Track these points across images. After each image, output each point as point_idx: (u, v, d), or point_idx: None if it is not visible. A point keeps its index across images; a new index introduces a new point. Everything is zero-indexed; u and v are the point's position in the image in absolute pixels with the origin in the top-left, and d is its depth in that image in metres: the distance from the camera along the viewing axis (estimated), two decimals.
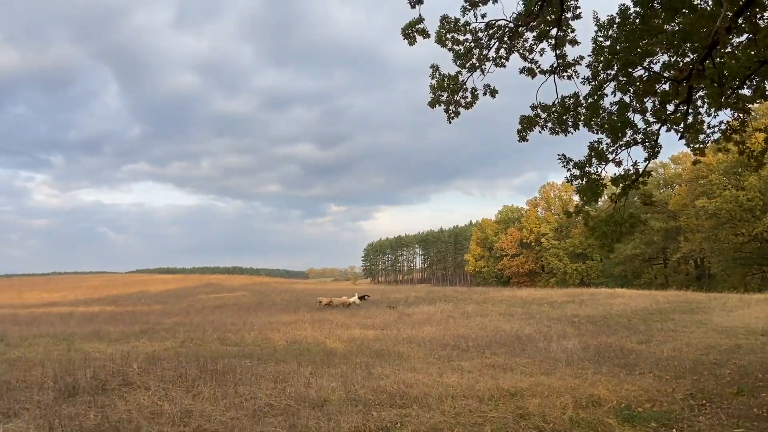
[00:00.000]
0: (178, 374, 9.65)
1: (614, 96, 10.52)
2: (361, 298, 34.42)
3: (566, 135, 11.01)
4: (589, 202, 10.93)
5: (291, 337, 17.26)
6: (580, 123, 10.78)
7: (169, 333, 18.07)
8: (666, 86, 10.50)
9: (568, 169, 11.00)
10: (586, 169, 10.91)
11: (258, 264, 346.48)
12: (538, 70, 12.75)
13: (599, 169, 10.86)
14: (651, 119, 10.67)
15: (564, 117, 10.81)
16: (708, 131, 10.62)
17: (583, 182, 10.88)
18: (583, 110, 10.65)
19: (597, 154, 10.68)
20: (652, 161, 11.44)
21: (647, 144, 10.71)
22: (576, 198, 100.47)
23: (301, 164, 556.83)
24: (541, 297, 34.95)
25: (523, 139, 12.28)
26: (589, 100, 10.55)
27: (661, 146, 10.93)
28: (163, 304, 36.97)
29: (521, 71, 12.90)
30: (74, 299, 46.13)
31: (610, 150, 10.78)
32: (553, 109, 11.00)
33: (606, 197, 16.64)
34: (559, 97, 11.72)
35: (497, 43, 12.78)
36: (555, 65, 12.29)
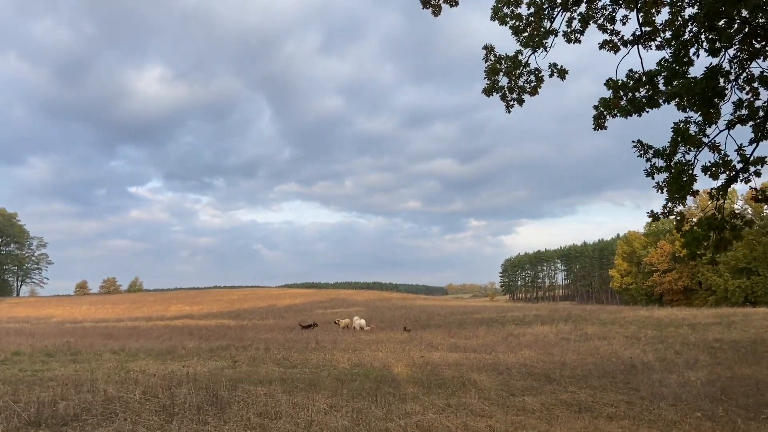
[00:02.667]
0: (173, 404, 8.75)
1: (696, 56, 8.04)
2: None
3: (640, 115, 8.65)
4: (675, 198, 8.48)
5: (360, 358, 15.96)
6: (658, 98, 8.39)
7: (239, 351, 17.63)
8: None
9: (648, 159, 8.63)
10: (673, 157, 8.47)
11: (399, 279, 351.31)
12: (620, 41, 10.50)
13: (688, 157, 8.39)
14: (759, 88, 8.05)
15: (637, 93, 8.48)
16: None
17: (669, 175, 8.46)
18: (662, 80, 8.26)
19: (684, 137, 8.22)
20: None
21: (755, 121, 8.07)
22: (738, 205, 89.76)
23: (440, 180, 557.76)
24: (682, 318, 30.51)
25: (600, 126, 10.04)
26: (667, 66, 8.15)
27: None
28: (277, 319, 37.61)
29: (601, 46, 10.73)
30: (207, 312, 48.78)
31: (703, 132, 8.28)
32: (625, 82, 8.71)
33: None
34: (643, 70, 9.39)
35: (565, 13, 10.75)
36: (639, 33, 9.99)
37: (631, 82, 8.55)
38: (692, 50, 8.07)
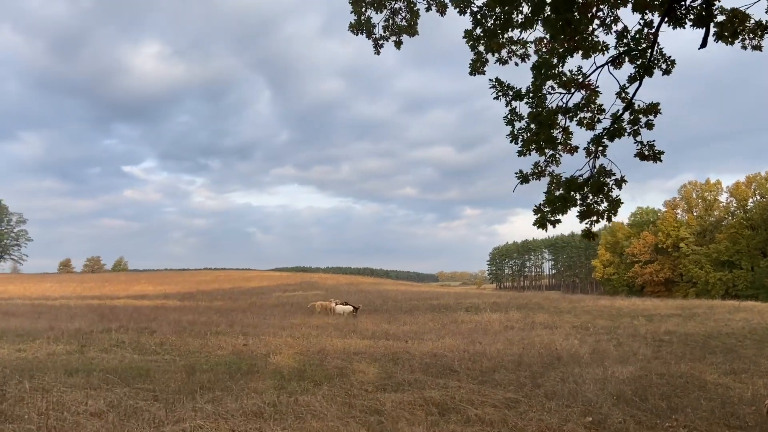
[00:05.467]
0: None
1: None
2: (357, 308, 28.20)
3: (498, 49, 6.82)
4: (537, 148, 6.69)
5: (250, 346, 14.28)
6: (519, 16, 6.55)
7: (118, 333, 15.88)
8: None
9: (508, 102, 6.83)
10: (539, 100, 6.66)
11: (391, 266, 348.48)
12: None
13: (554, 98, 6.60)
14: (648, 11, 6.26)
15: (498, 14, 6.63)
16: None
17: (529, 120, 6.66)
18: None
19: (547, 72, 6.42)
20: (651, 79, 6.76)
21: (638, 51, 6.29)
22: (723, 198, 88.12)
23: (437, 167, 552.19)
24: (642, 309, 29.01)
25: (476, 70, 8.18)
26: None
27: (671, 61, 6.45)
28: (227, 301, 36.01)
29: None
30: (164, 293, 47.04)
31: (571, 68, 6.46)
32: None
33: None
34: None
35: None
36: None
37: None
38: None
